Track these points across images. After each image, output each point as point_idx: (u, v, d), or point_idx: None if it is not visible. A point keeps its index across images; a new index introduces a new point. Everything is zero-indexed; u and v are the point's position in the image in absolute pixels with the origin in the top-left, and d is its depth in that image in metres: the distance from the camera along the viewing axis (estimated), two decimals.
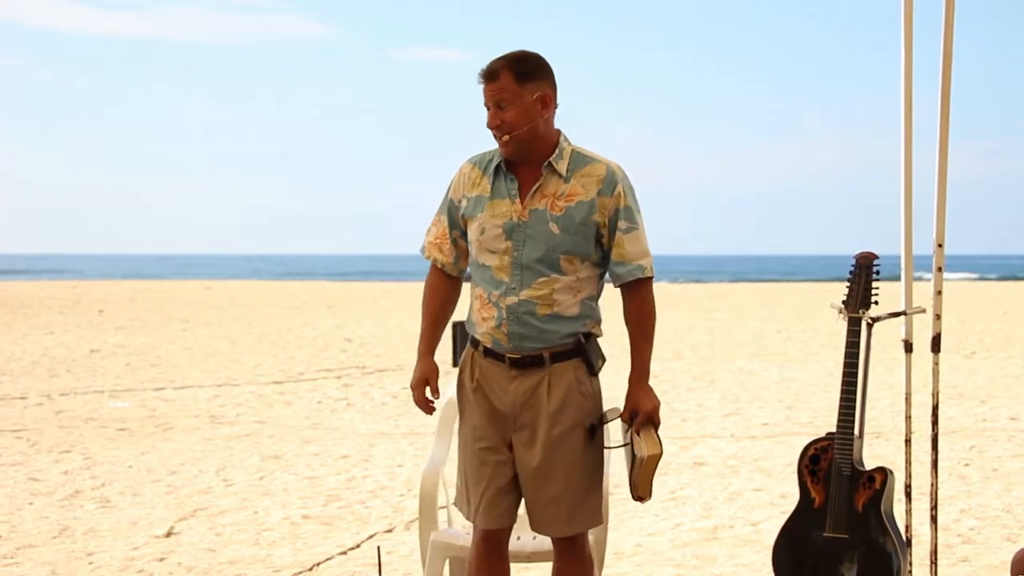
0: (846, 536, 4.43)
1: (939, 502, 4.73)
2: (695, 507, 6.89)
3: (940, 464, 4.86)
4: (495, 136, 3.73)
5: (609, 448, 3.87)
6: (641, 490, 3.77)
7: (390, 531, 6.37)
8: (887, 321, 4.65)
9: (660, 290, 44.05)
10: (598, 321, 3.82)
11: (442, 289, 3.94)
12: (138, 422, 10.25)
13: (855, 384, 4.48)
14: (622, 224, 3.72)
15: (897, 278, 4.74)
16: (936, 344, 4.70)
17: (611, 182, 3.72)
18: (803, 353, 16.64)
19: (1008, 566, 4.45)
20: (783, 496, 7.09)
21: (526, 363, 3.75)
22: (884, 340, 6.55)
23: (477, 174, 3.82)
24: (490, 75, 3.70)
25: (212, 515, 6.73)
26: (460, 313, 4.07)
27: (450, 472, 4.31)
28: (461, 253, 3.89)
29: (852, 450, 4.44)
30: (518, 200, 3.73)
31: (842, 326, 4.56)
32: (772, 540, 4.61)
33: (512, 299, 3.72)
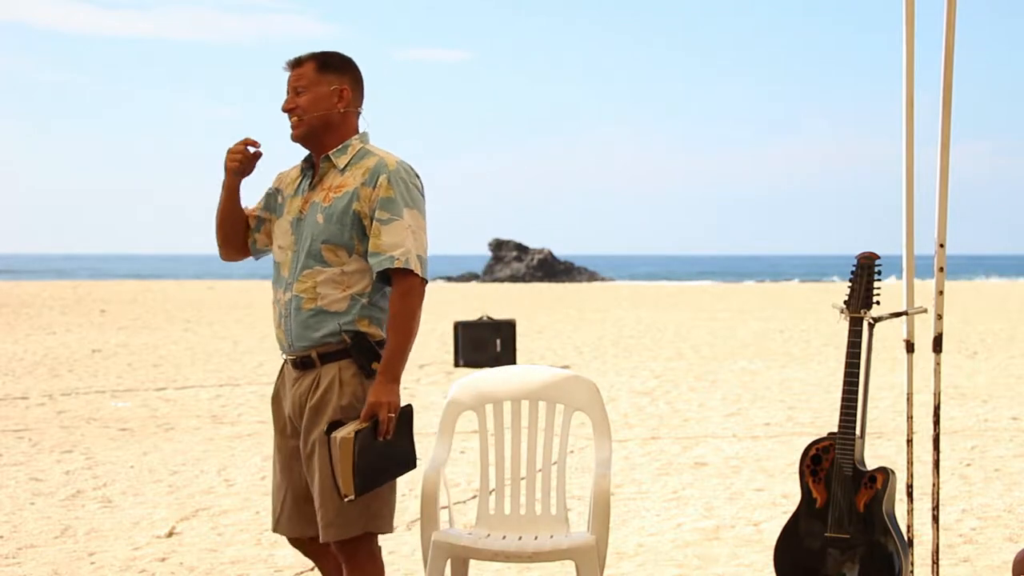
0: (848, 536, 4.43)
1: (940, 502, 4.72)
2: (697, 507, 6.89)
3: (942, 464, 4.86)
4: (289, 119, 3.72)
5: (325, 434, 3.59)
6: (341, 484, 3.52)
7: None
8: (889, 321, 4.65)
9: (661, 290, 44.18)
10: (373, 320, 3.68)
11: (245, 219, 3.88)
12: (140, 422, 10.26)
13: (857, 384, 4.48)
14: (381, 214, 3.61)
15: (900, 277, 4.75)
16: (938, 344, 4.70)
17: (376, 173, 3.65)
18: (805, 353, 16.64)
19: (1010, 566, 4.44)
20: (785, 496, 7.09)
21: (299, 364, 3.70)
22: (886, 340, 6.56)
23: (297, 173, 3.84)
24: (295, 63, 3.74)
25: (214, 515, 6.73)
26: (461, 314, 4.08)
27: (451, 472, 4.30)
28: (260, 234, 3.89)
29: (854, 450, 4.44)
30: (305, 194, 3.75)
31: (844, 326, 4.57)
32: (774, 540, 4.61)
33: (288, 295, 3.71)
